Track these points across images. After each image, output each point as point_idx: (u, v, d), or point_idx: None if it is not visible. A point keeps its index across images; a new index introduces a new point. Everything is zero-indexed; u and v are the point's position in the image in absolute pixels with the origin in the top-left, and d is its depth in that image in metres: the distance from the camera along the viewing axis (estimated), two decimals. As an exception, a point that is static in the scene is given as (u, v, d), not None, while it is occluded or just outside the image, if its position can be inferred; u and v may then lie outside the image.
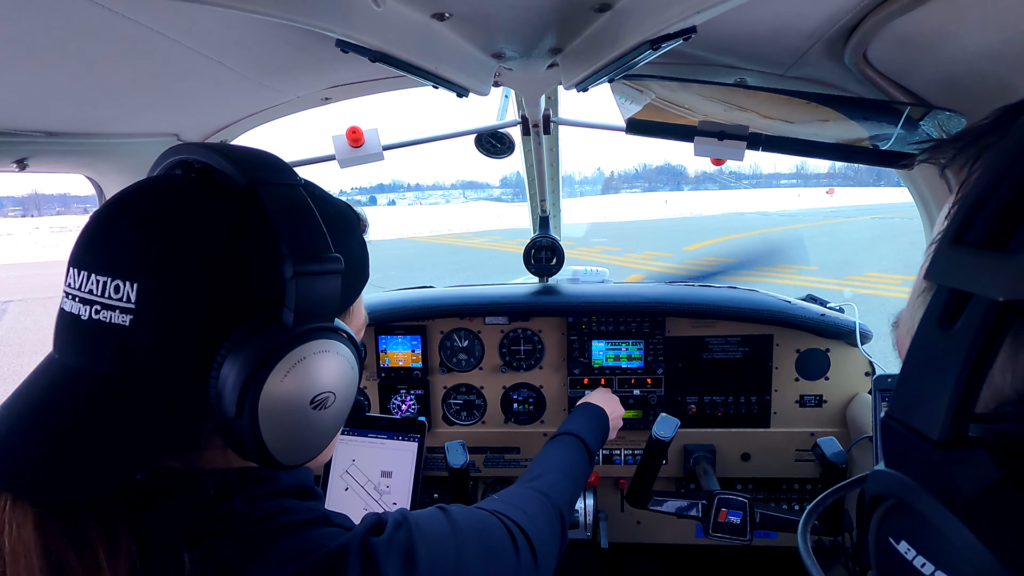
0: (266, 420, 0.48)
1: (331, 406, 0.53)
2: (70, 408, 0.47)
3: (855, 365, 1.67)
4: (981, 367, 0.29)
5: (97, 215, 0.51)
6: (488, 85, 1.12)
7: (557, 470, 1.02)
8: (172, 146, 0.56)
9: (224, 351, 0.48)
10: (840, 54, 0.84)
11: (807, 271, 11.75)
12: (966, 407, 0.30)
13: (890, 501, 0.35)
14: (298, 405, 0.50)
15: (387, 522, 0.60)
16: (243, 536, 0.51)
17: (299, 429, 0.51)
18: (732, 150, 1.01)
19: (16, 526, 0.45)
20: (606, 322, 1.72)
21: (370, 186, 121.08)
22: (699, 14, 0.64)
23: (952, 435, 0.30)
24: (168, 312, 0.48)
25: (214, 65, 0.89)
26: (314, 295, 0.50)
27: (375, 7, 0.67)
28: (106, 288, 0.47)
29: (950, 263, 0.31)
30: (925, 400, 0.31)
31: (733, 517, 1.35)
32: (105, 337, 0.47)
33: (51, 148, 1.01)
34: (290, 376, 0.49)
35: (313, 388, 0.51)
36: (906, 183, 1.17)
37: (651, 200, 47.58)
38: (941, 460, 0.30)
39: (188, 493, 0.51)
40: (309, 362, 0.50)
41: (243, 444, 0.49)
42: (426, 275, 12.50)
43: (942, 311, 0.31)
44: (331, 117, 6.74)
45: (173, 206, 0.50)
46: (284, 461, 0.51)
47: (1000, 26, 0.66)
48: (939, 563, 0.31)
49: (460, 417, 1.83)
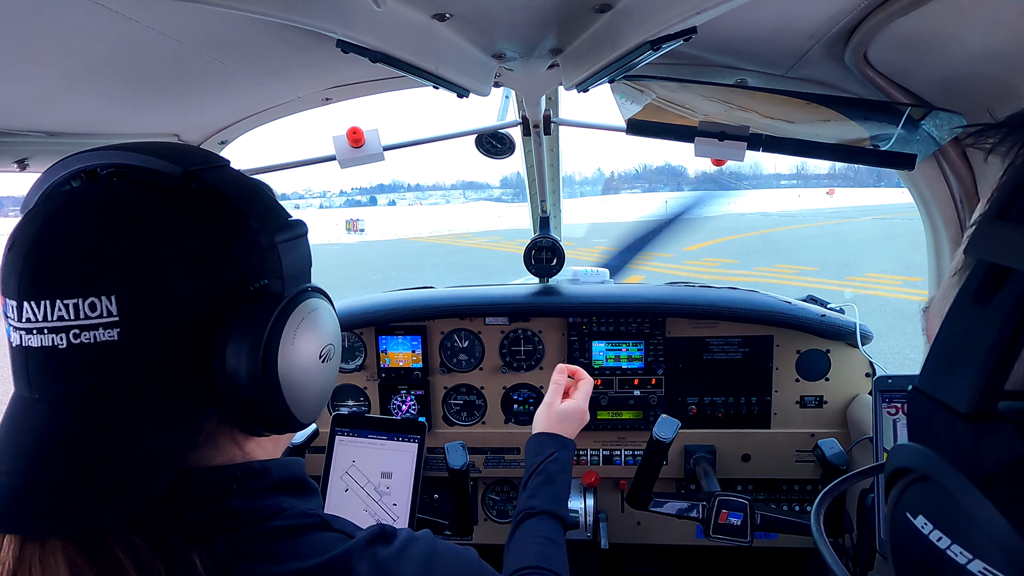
0: (287, 382, 0.51)
1: (333, 357, 0.58)
2: (74, 445, 0.45)
3: (855, 366, 1.67)
4: (1016, 342, 0.29)
5: (26, 241, 0.47)
6: (488, 85, 1.12)
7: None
8: (64, 157, 0.52)
9: (224, 333, 0.49)
10: (840, 55, 0.84)
11: (807, 272, 11.74)
12: (996, 382, 0.29)
13: (911, 476, 0.35)
14: (311, 362, 0.54)
15: (398, 534, 0.59)
16: (242, 537, 0.51)
17: (315, 384, 0.55)
18: (732, 150, 1.01)
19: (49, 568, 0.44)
20: (606, 323, 1.72)
21: (370, 186, 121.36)
22: (699, 15, 0.64)
23: (980, 409, 0.30)
24: (154, 314, 0.47)
25: (214, 65, 0.89)
26: (296, 259, 0.53)
27: (375, 7, 0.67)
28: (79, 310, 0.45)
29: (991, 238, 0.31)
30: (955, 373, 0.31)
31: (734, 518, 1.35)
32: (95, 358, 0.46)
33: (51, 148, 1.00)
34: (298, 337, 0.52)
35: (318, 343, 0.55)
36: (906, 184, 1.17)
37: (651, 201, 47.58)
38: (967, 432, 0.30)
39: (184, 491, 0.50)
40: (308, 321, 0.54)
41: (264, 412, 0.51)
42: (426, 275, 12.50)
43: (979, 286, 0.31)
44: (332, 117, 6.77)
45: (120, 211, 0.48)
46: (303, 419, 0.54)
47: (1000, 27, 0.66)
48: (956, 537, 0.31)
49: (460, 418, 1.83)
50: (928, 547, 0.32)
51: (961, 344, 0.31)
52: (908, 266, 11.46)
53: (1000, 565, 0.28)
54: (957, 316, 0.32)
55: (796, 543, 1.71)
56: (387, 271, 13.67)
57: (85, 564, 0.44)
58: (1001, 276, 0.29)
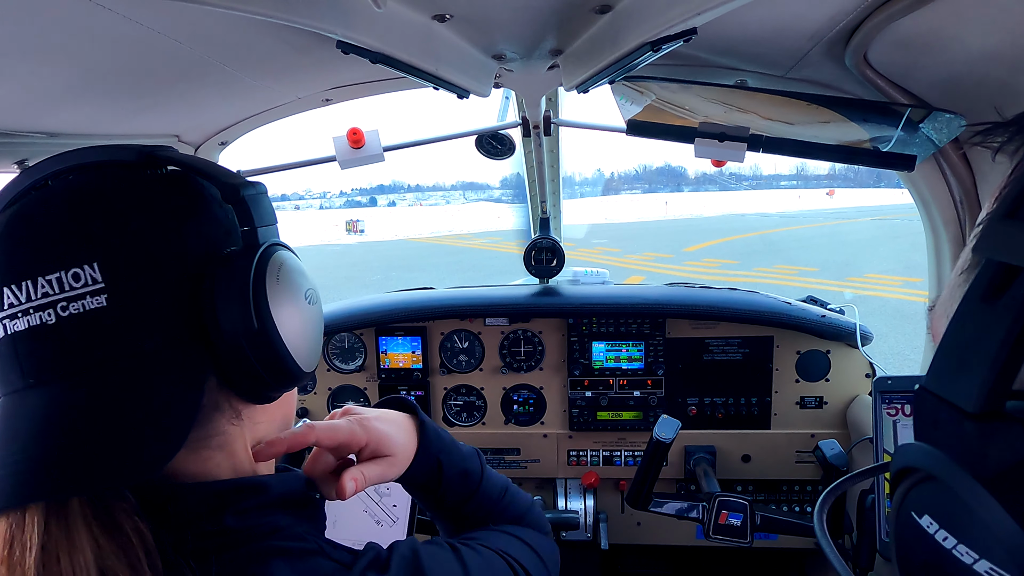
0: (281, 323, 0.52)
1: (317, 301, 0.59)
2: (77, 421, 0.45)
3: (855, 367, 1.67)
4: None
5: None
6: (489, 86, 1.12)
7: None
8: (26, 169, 0.53)
9: (209, 288, 0.49)
10: (840, 56, 0.84)
11: (807, 272, 11.75)
12: (1004, 381, 0.29)
13: (917, 475, 0.35)
14: (298, 301, 0.55)
15: (390, 557, 0.56)
16: (235, 557, 0.49)
17: (307, 323, 0.56)
18: (733, 151, 1.01)
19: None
20: (606, 323, 1.72)
21: (370, 187, 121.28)
22: (699, 16, 0.64)
23: (988, 408, 0.30)
24: (139, 277, 0.48)
25: (215, 66, 0.89)
26: (263, 214, 0.55)
27: (376, 8, 0.67)
28: (63, 282, 0.46)
29: (1000, 237, 0.31)
30: (963, 372, 0.31)
31: (734, 519, 1.34)
32: (87, 328, 0.46)
33: (52, 149, 1.00)
34: (281, 280, 0.53)
35: (301, 283, 0.56)
36: (907, 185, 1.17)
37: (651, 201, 47.60)
38: (974, 432, 0.30)
39: (178, 505, 0.49)
40: (287, 266, 0.55)
41: (264, 361, 0.51)
42: (426, 276, 12.50)
43: (988, 285, 0.30)
44: (332, 118, 6.75)
45: (86, 196, 0.49)
46: (303, 365, 0.54)
47: (1000, 28, 0.66)
48: (962, 537, 0.30)
49: (460, 418, 1.83)
50: (933, 547, 0.32)
51: (969, 343, 0.31)
52: (908, 267, 11.46)
53: (1006, 565, 0.28)
54: (965, 315, 0.32)
55: (796, 544, 1.71)
56: (387, 272, 13.67)
57: (107, 542, 0.44)
58: (1010, 275, 0.29)
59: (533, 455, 1.80)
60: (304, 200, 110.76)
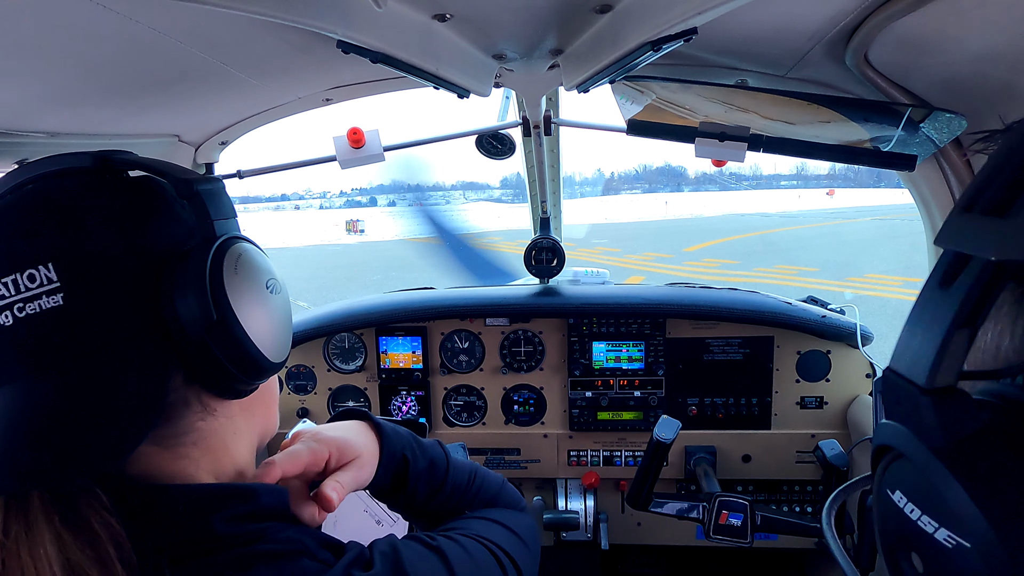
0: (242, 313, 0.51)
1: (280, 291, 0.59)
2: (39, 419, 0.45)
3: (856, 367, 1.67)
4: (972, 321, 0.31)
5: None
6: (489, 86, 1.12)
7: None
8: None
9: (168, 283, 0.50)
10: (841, 55, 0.84)
11: (808, 272, 11.75)
12: (954, 358, 0.32)
13: (891, 454, 0.37)
14: (259, 291, 0.55)
15: (372, 554, 0.56)
16: (219, 561, 0.49)
17: (271, 313, 0.56)
18: (733, 151, 1.01)
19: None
20: (607, 323, 1.72)
21: (370, 187, 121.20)
22: (700, 15, 0.64)
23: (939, 384, 0.32)
24: (94, 275, 0.48)
25: (215, 66, 0.89)
26: (220, 207, 0.55)
27: (376, 8, 0.67)
28: (19, 284, 0.46)
29: (955, 228, 0.33)
30: (917, 350, 0.34)
31: (734, 519, 1.34)
32: (45, 328, 0.46)
33: (52, 149, 1.00)
34: (239, 270, 0.53)
35: (261, 274, 0.56)
36: (907, 184, 1.17)
37: (652, 201, 47.61)
38: (928, 405, 0.32)
39: (155, 505, 0.49)
40: (246, 257, 0.55)
41: (228, 354, 0.51)
42: (426, 276, 12.46)
43: (944, 273, 0.33)
44: (332, 118, 6.75)
45: (40, 201, 0.50)
46: (270, 356, 0.54)
47: (1001, 28, 0.66)
48: (925, 507, 0.33)
49: (461, 418, 1.83)
50: (903, 520, 0.34)
51: (925, 325, 0.34)
52: (908, 267, 11.46)
53: (961, 532, 0.30)
54: (924, 299, 0.34)
55: (796, 544, 1.71)
56: (387, 271, 13.66)
57: (71, 538, 0.45)
58: (962, 263, 0.32)
59: (533, 455, 1.80)
60: (304, 200, 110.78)
